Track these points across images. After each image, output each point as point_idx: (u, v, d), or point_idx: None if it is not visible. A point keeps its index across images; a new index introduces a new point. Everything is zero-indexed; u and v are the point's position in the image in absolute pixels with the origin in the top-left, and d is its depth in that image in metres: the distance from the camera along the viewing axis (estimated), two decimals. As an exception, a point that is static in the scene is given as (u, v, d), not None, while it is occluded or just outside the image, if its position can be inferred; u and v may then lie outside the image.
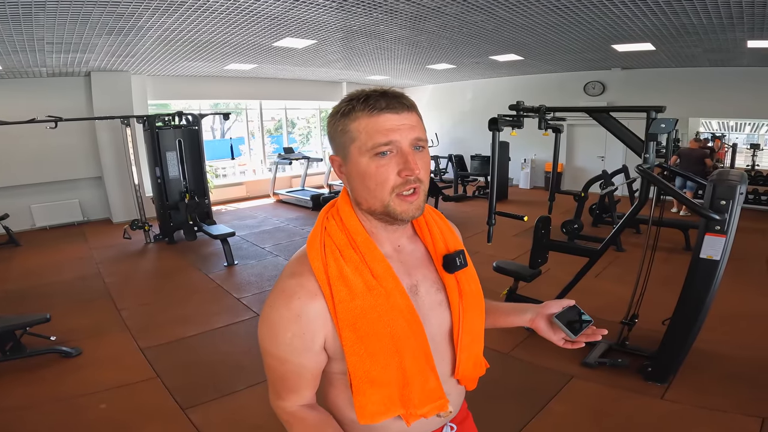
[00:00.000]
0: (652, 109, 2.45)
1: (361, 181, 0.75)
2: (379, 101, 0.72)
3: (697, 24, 4.54)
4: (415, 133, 0.74)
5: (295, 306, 0.74)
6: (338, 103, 0.77)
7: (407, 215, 0.76)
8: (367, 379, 0.77)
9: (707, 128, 8.26)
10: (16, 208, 6.56)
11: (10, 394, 2.65)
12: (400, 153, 0.73)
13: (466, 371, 0.89)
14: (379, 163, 0.73)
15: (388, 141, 0.72)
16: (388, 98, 0.73)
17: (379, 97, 0.73)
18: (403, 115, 0.73)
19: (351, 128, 0.74)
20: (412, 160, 0.73)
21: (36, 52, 4.90)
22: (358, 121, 0.73)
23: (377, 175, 0.73)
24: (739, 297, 3.65)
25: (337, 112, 0.76)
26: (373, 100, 0.72)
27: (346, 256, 0.77)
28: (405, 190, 0.74)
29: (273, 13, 4.17)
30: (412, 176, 0.73)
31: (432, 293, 0.84)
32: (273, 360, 0.79)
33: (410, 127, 0.74)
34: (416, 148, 0.75)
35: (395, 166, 0.73)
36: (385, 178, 0.73)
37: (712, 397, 2.39)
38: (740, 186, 2.13)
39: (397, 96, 0.75)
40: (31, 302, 4.03)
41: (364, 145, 0.73)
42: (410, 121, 0.74)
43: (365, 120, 0.73)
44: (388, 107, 0.72)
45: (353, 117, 0.73)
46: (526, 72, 8.86)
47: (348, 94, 0.76)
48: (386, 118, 0.72)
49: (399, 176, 0.73)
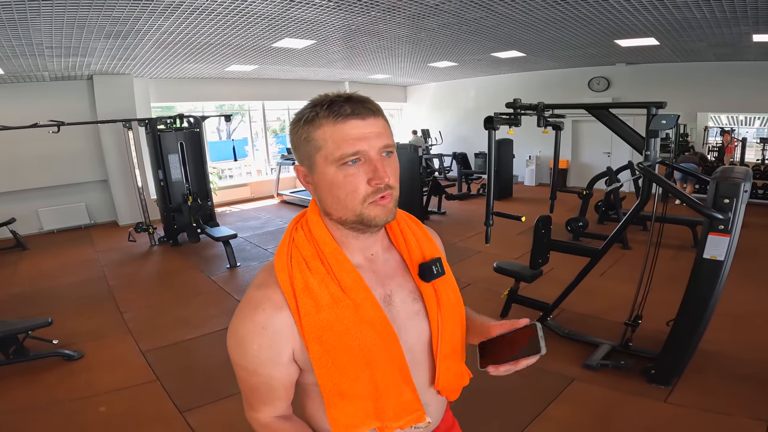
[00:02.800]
0: (653, 105, 2.38)
1: (330, 191, 0.73)
2: (344, 107, 0.69)
3: (701, 18, 4.45)
4: (382, 140, 0.71)
5: (260, 318, 0.73)
6: (300, 109, 0.74)
7: (380, 220, 0.73)
8: (337, 392, 0.75)
9: (716, 123, 8.10)
10: (24, 212, 6.65)
11: (12, 396, 2.68)
12: (369, 161, 0.70)
13: (446, 382, 0.87)
14: (347, 172, 0.70)
15: (356, 151, 0.69)
16: (353, 103, 0.70)
17: (343, 103, 0.70)
18: (369, 120, 0.71)
19: (315, 136, 0.71)
20: (381, 167, 0.70)
21: (36, 56, 4.95)
22: (322, 128, 0.70)
23: (346, 185, 0.70)
24: (746, 296, 3.56)
25: (300, 119, 0.73)
26: (338, 106, 0.69)
27: (312, 268, 0.75)
28: (376, 197, 0.72)
29: (270, 14, 4.16)
30: (383, 184, 0.71)
31: (408, 303, 0.82)
32: (242, 371, 0.77)
33: (377, 134, 0.71)
34: (385, 154, 0.72)
35: (364, 174, 0.70)
36: (355, 187, 0.70)
37: (718, 400, 2.33)
38: (744, 184, 2.07)
39: (363, 101, 0.72)
40: (36, 305, 4.07)
41: (330, 154, 0.70)
42: (377, 127, 0.71)
43: (330, 127, 0.69)
44: (354, 113, 0.69)
45: (317, 124, 0.70)
46: (529, 69, 8.78)
47: (311, 99, 0.73)
48: (352, 125, 0.69)
49: (369, 185, 0.70)
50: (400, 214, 0.88)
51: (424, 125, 11.01)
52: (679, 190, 2.28)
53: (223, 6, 3.82)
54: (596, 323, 3.25)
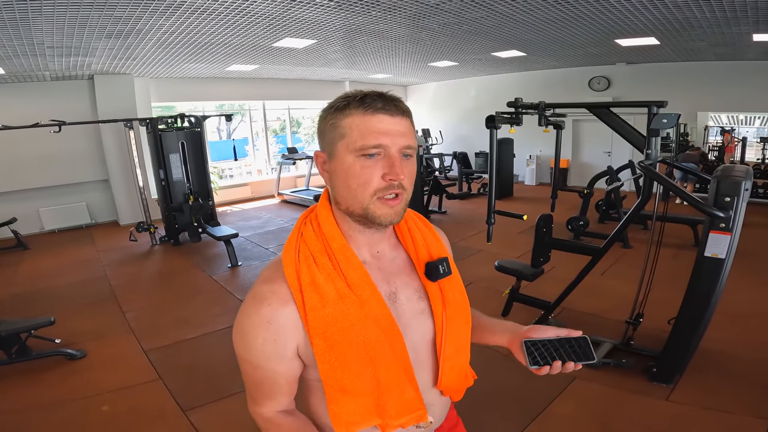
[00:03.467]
0: (654, 104, 2.39)
1: (344, 179, 0.74)
2: (376, 101, 0.72)
3: (701, 18, 4.45)
4: (405, 140, 0.73)
5: (265, 312, 0.73)
6: (333, 99, 0.76)
7: (386, 219, 0.74)
8: (339, 388, 0.75)
9: (716, 122, 8.10)
10: (25, 212, 6.65)
11: (15, 396, 2.68)
12: (388, 157, 0.72)
13: (449, 382, 0.87)
14: (364, 163, 0.71)
15: (377, 144, 0.71)
16: (385, 100, 0.72)
17: (376, 97, 0.72)
18: (397, 119, 0.72)
19: (343, 124, 0.72)
20: (399, 165, 0.71)
21: (38, 56, 4.94)
22: (351, 117, 0.72)
23: (360, 176, 0.72)
24: (747, 295, 3.57)
25: (331, 107, 0.75)
26: (370, 99, 0.72)
27: (319, 263, 0.75)
28: (387, 194, 0.72)
29: (271, 14, 4.16)
30: (396, 181, 0.71)
31: (413, 301, 0.82)
32: (247, 365, 0.78)
33: (402, 134, 0.73)
34: (404, 156, 0.73)
35: (380, 169, 0.71)
36: (368, 179, 0.71)
37: (719, 398, 2.34)
38: (745, 182, 2.08)
39: (394, 99, 0.74)
40: (38, 305, 4.08)
41: (353, 143, 0.71)
42: (403, 127, 0.73)
43: (359, 117, 0.71)
44: (384, 108, 0.71)
45: (347, 113, 0.72)
46: (530, 68, 8.78)
47: (344, 93, 0.75)
48: (380, 119, 0.71)
49: (383, 179, 0.71)
50: (408, 212, 0.88)
51: (425, 125, 11.01)
52: (680, 188, 2.28)
53: (223, 6, 3.82)
54: (597, 322, 3.25)
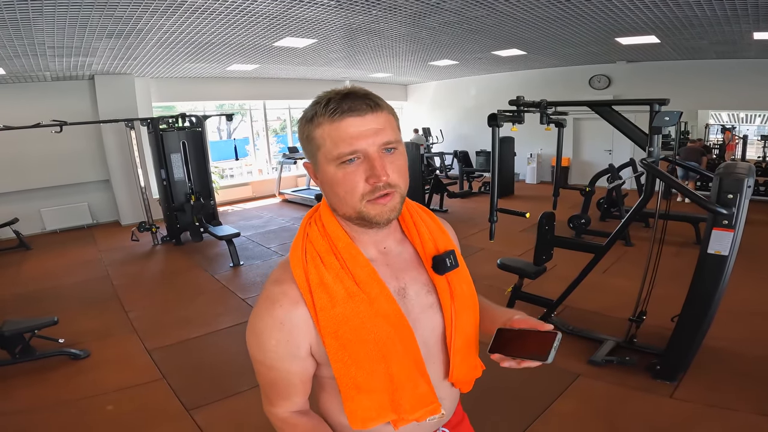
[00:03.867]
0: (656, 102, 2.39)
1: (331, 188, 0.73)
2: (341, 104, 0.68)
3: (701, 16, 4.45)
4: (382, 137, 0.69)
5: (277, 313, 0.73)
6: (306, 107, 0.74)
7: (381, 218, 0.73)
8: (354, 386, 0.76)
9: (717, 120, 8.09)
10: (27, 212, 6.67)
11: (19, 396, 2.69)
12: (367, 159, 0.69)
13: (460, 374, 0.88)
14: (346, 170, 0.69)
15: (352, 150, 0.68)
16: (351, 100, 0.68)
17: (340, 100, 0.68)
18: (368, 117, 0.69)
19: (315, 135, 0.71)
20: (379, 165, 0.69)
21: (38, 56, 4.95)
22: (321, 127, 0.69)
23: (345, 183, 0.70)
24: (750, 292, 3.57)
25: (303, 117, 0.73)
26: (334, 104, 0.68)
27: (326, 263, 0.75)
28: (376, 195, 0.71)
29: (271, 13, 4.17)
30: (380, 183, 0.70)
31: (422, 296, 0.82)
32: (261, 367, 0.78)
33: (376, 131, 0.69)
34: (387, 151, 0.71)
35: (363, 173, 0.69)
36: (353, 185, 0.70)
37: (723, 396, 2.34)
38: (748, 179, 2.08)
39: (361, 96, 0.70)
40: (41, 305, 4.09)
41: (329, 153, 0.69)
42: (376, 123, 0.69)
43: (327, 126, 0.69)
44: (351, 110, 0.68)
45: (316, 123, 0.70)
46: (530, 67, 8.78)
47: (317, 95, 0.73)
48: (348, 123, 0.68)
49: (367, 183, 0.70)
50: (413, 205, 0.88)
51: (425, 124, 11.01)
52: (683, 186, 2.28)
53: (224, 5, 3.83)
54: (600, 320, 3.25)
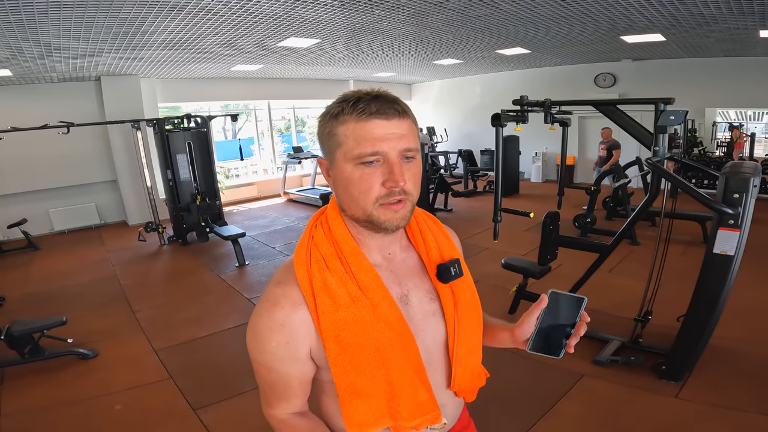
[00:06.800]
0: (661, 101, 2.37)
1: (345, 187, 0.73)
2: (370, 105, 0.69)
3: (707, 14, 4.41)
4: (404, 143, 0.70)
5: (278, 315, 0.74)
6: (330, 103, 0.74)
7: (391, 224, 0.73)
8: (352, 390, 0.75)
9: (724, 118, 8.02)
10: (35, 213, 6.74)
11: (28, 395, 2.73)
12: (387, 163, 0.69)
13: (462, 383, 0.87)
14: (363, 171, 0.70)
15: (374, 151, 0.68)
16: (380, 102, 0.69)
17: (370, 101, 0.69)
18: (394, 122, 0.70)
19: (338, 132, 0.71)
20: (398, 171, 0.69)
21: (45, 57, 4.99)
22: (345, 125, 0.70)
23: (361, 184, 0.70)
24: (756, 292, 3.54)
25: (327, 113, 0.73)
26: (363, 104, 0.69)
27: (331, 267, 0.75)
28: (390, 200, 0.71)
29: (275, 14, 4.18)
30: (397, 188, 0.70)
31: (425, 303, 0.82)
32: (260, 368, 0.78)
33: (400, 137, 0.70)
34: (405, 158, 0.71)
35: (380, 176, 0.70)
36: (369, 187, 0.70)
37: (729, 396, 2.33)
38: (754, 179, 2.07)
39: (390, 101, 0.71)
40: (50, 305, 4.14)
41: (350, 151, 0.70)
42: (401, 129, 0.70)
43: (353, 124, 0.69)
44: (378, 112, 0.68)
45: (341, 120, 0.70)
46: (535, 65, 8.72)
47: (342, 94, 0.73)
48: (375, 125, 0.68)
49: (383, 186, 0.70)
50: (420, 213, 0.88)
51: (430, 122, 10.99)
52: (688, 185, 2.26)
53: (228, 6, 3.84)
54: (606, 319, 3.24)
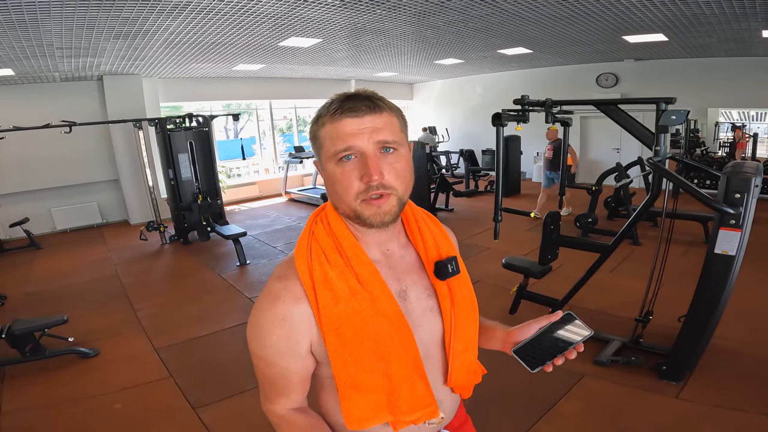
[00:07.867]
0: (662, 101, 2.36)
1: (331, 185, 0.75)
2: (343, 105, 0.71)
3: (709, 14, 4.40)
4: (379, 135, 0.71)
5: (279, 309, 0.74)
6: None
7: (375, 219, 0.73)
8: (352, 384, 0.76)
9: (727, 118, 8.00)
10: (37, 212, 6.76)
11: (29, 394, 2.74)
12: (363, 157, 0.71)
13: (459, 379, 0.88)
14: (343, 168, 0.72)
15: (346, 147, 0.70)
16: (353, 101, 0.71)
17: (343, 101, 0.72)
18: (367, 118, 0.71)
19: (319, 135, 0.74)
20: (373, 165, 0.70)
21: (47, 57, 5.01)
22: (324, 127, 0.73)
23: (342, 180, 0.72)
24: (758, 292, 3.53)
25: (312, 119, 0.77)
26: (336, 105, 0.72)
27: (331, 261, 0.76)
28: (370, 195, 0.72)
29: (276, 13, 4.18)
30: (373, 182, 0.70)
31: (423, 299, 0.83)
32: (260, 362, 0.79)
33: (373, 130, 0.71)
34: (385, 150, 0.72)
35: (357, 171, 0.71)
36: (349, 183, 0.72)
37: (729, 396, 2.32)
38: (755, 178, 2.06)
39: (363, 98, 0.72)
40: (51, 304, 4.15)
41: (328, 151, 0.73)
42: (375, 123, 0.71)
43: (329, 126, 0.72)
44: (350, 110, 0.70)
45: (320, 123, 0.74)
46: (537, 65, 8.71)
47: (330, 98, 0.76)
48: (345, 123, 0.71)
49: (361, 182, 0.71)
50: (419, 212, 0.89)
51: (431, 122, 10.99)
52: (689, 185, 2.25)
53: (229, 6, 3.85)
54: (606, 319, 3.24)
